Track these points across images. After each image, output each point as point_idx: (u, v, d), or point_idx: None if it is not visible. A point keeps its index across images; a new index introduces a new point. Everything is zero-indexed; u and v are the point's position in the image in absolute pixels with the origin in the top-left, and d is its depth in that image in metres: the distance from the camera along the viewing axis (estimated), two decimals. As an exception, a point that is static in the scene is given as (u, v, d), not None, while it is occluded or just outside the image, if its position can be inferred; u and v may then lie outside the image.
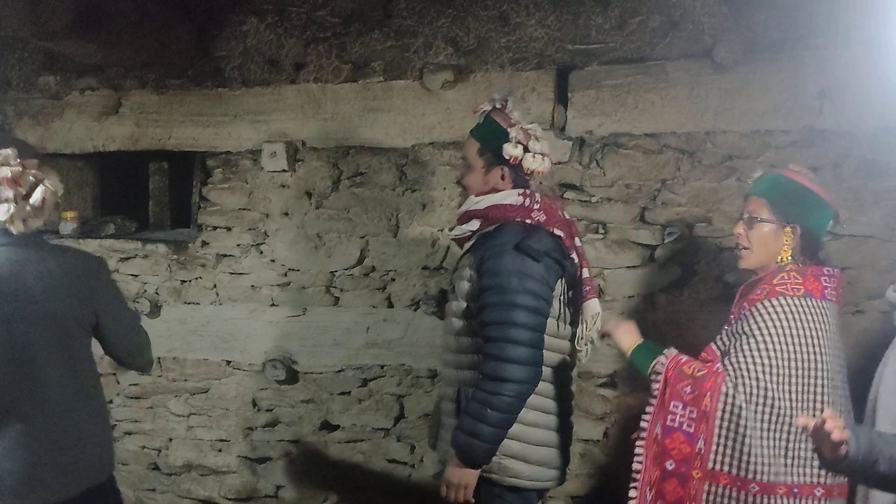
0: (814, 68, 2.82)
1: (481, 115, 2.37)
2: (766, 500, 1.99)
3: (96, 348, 2.34)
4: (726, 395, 2.01)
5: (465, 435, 2.16)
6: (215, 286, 3.56)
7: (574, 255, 2.34)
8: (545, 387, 2.26)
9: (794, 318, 1.99)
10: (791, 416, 1.98)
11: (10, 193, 2.13)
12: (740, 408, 2.00)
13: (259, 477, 3.57)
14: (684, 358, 2.14)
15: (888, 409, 1.98)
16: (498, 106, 2.35)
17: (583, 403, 3.12)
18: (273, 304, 3.49)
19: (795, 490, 1.99)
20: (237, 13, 3.42)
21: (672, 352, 2.16)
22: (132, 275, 3.65)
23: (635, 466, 2.12)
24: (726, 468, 2.01)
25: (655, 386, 2.11)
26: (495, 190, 2.33)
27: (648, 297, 3.06)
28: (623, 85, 3.02)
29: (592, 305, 2.36)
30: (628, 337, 2.26)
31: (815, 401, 1.98)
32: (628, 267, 3.08)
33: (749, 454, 1.99)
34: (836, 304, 2.08)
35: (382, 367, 3.38)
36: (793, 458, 1.99)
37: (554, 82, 3.11)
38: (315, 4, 3.34)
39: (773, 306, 2.01)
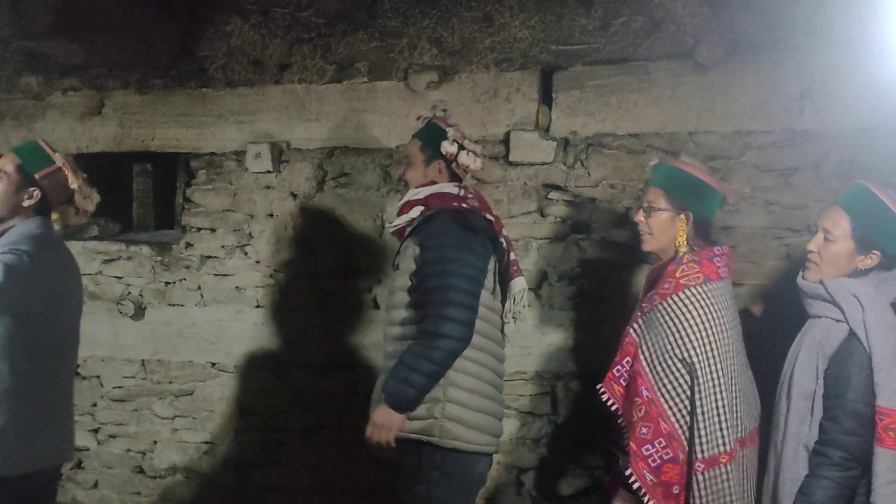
0: (794, 69, 2.85)
1: (423, 120, 2.66)
2: (710, 473, 2.18)
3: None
4: (672, 413, 2.22)
5: (397, 381, 2.35)
6: (200, 288, 3.54)
7: (503, 240, 2.59)
8: (482, 356, 2.43)
9: (701, 307, 2.20)
10: (714, 391, 2.17)
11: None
12: (682, 410, 2.21)
13: (244, 479, 3.56)
14: (617, 369, 2.35)
15: (801, 387, 2.15)
16: (438, 114, 2.65)
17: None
18: (258, 306, 3.48)
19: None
20: (221, 13, 3.41)
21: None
22: (116, 277, 3.63)
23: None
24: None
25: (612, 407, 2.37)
26: (433, 182, 2.57)
27: (634, 297, 3.08)
28: (606, 85, 3.04)
29: (519, 282, 2.63)
30: None
31: (730, 370, 2.20)
32: (610, 268, 3.10)
33: (693, 440, 2.19)
34: (729, 279, 2.31)
35: (370, 367, 3.38)
36: (728, 427, 2.18)
37: (538, 83, 3.12)
38: (299, 5, 3.34)
39: (681, 300, 2.22)
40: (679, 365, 2.19)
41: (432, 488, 2.37)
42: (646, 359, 2.28)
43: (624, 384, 2.32)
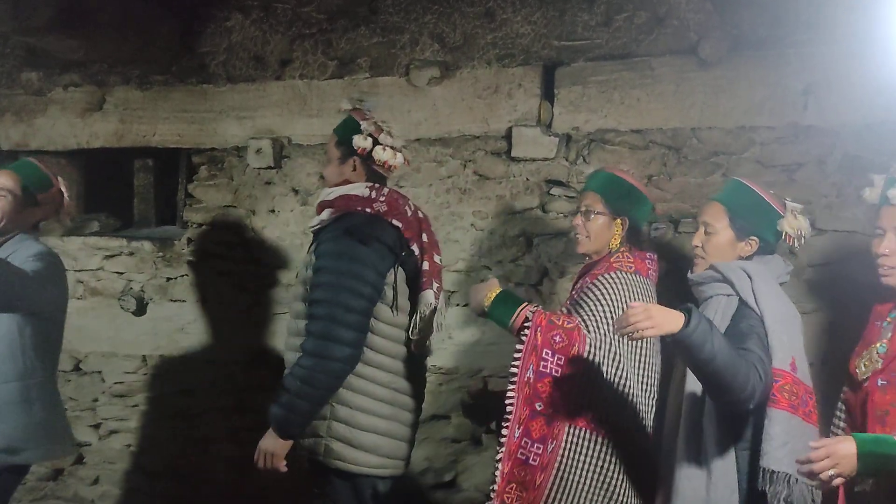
0: (798, 65, 2.83)
1: (343, 112, 2.51)
2: (612, 442, 2.25)
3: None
4: (590, 345, 2.25)
5: (280, 407, 2.25)
6: (201, 284, 3.54)
7: (415, 248, 2.42)
8: (378, 373, 2.33)
9: (628, 288, 2.31)
10: (628, 370, 2.27)
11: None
12: (598, 363, 2.26)
13: (244, 476, 3.55)
14: (548, 311, 2.32)
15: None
16: (358, 105, 2.49)
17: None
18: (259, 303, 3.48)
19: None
20: (222, 9, 3.40)
21: (535, 305, 2.32)
22: (117, 272, 3.62)
23: (507, 407, 2.23)
24: (584, 413, 2.24)
25: (525, 332, 2.25)
26: (347, 182, 2.44)
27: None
28: (609, 81, 3.02)
29: (426, 296, 2.42)
30: (485, 289, 2.33)
31: (644, 354, 2.30)
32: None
33: (602, 400, 2.25)
34: (654, 283, 2.44)
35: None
36: (630, 405, 2.27)
37: (540, 79, 3.11)
38: (301, 0, 3.32)
39: (611, 278, 2.33)
40: (594, 325, 2.25)
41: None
42: None
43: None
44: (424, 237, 2.47)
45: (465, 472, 3.27)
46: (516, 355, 2.25)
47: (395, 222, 2.38)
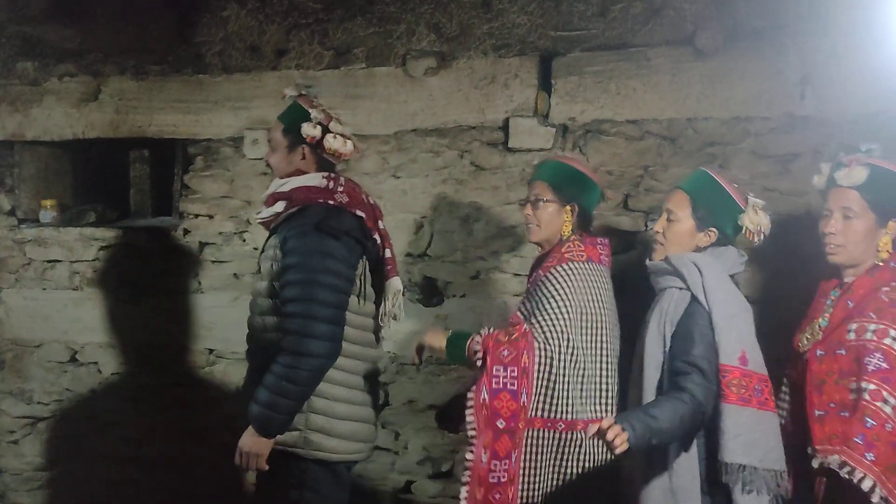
0: (795, 55, 2.83)
1: (287, 99, 2.46)
2: (569, 436, 2.29)
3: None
4: (539, 348, 2.28)
5: (261, 407, 2.23)
6: (198, 274, 3.54)
7: (377, 237, 2.44)
8: (348, 362, 2.34)
9: (582, 279, 2.34)
10: (585, 361, 2.31)
11: None
12: (551, 358, 2.28)
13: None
14: (496, 330, 2.34)
15: (652, 357, 2.23)
16: (303, 92, 2.45)
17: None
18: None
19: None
20: (218, -1, 3.39)
21: (485, 330, 2.35)
22: (113, 263, 3.62)
23: (469, 433, 2.26)
24: (540, 413, 2.29)
25: (477, 360, 2.30)
26: (300, 172, 2.41)
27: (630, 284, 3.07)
28: (605, 71, 3.02)
29: (394, 283, 2.50)
30: (438, 336, 2.42)
31: (601, 345, 2.34)
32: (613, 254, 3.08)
33: (557, 397, 2.29)
34: (608, 267, 2.47)
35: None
36: (587, 396, 2.31)
37: (537, 69, 3.10)
38: (297, -10, 3.32)
39: (564, 270, 2.34)
40: (552, 321, 2.28)
41: (304, 496, 2.35)
42: (522, 313, 2.38)
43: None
44: (381, 224, 2.50)
45: (462, 463, 3.27)
46: (473, 386, 2.30)
47: (358, 213, 2.38)
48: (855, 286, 2.14)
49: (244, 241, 3.47)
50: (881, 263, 2.14)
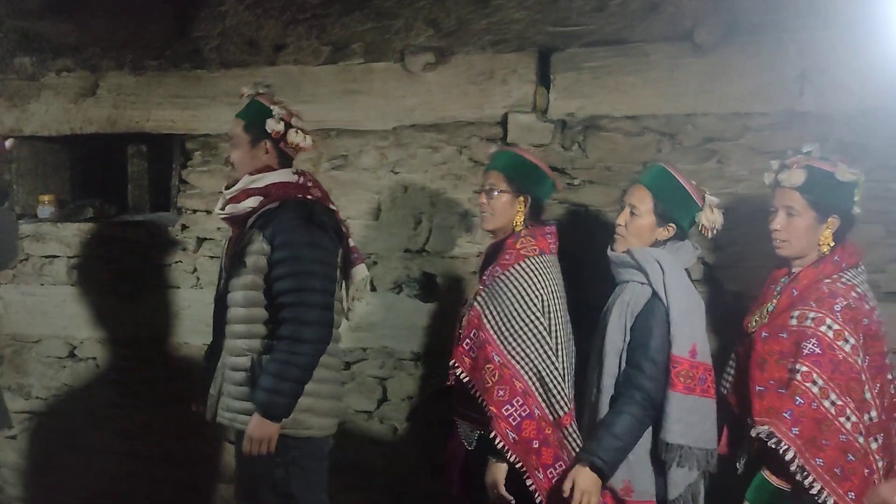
0: (794, 51, 2.82)
1: (246, 98, 2.58)
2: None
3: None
4: (523, 370, 2.41)
5: (267, 393, 2.36)
6: (196, 269, 3.54)
7: (344, 228, 2.61)
8: (331, 346, 2.49)
9: (539, 274, 2.43)
10: (550, 351, 2.41)
11: None
12: (539, 364, 2.40)
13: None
14: (482, 380, 2.44)
15: (613, 344, 2.39)
16: (262, 91, 2.58)
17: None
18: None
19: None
20: (216, -7, 3.38)
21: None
22: (112, 258, 3.62)
23: (518, 467, 2.40)
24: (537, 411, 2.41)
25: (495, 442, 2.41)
26: (267, 167, 2.52)
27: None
28: (603, 67, 3.01)
29: (361, 269, 2.68)
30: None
31: (558, 331, 2.44)
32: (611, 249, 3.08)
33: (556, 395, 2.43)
34: (555, 255, 2.55)
35: (365, 349, 3.37)
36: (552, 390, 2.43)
37: (535, 64, 3.10)
38: (295, -15, 3.30)
39: (522, 268, 2.43)
40: (524, 326, 2.39)
41: (290, 472, 2.47)
42: (492, 326, 2.43)
43: (473, 356, 2.46)
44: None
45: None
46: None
47: (331, 206, 2.56)
48: (801, 276, 2.31)
49: (242, 236, 3.47)
50: (825, 255, 2.29)
